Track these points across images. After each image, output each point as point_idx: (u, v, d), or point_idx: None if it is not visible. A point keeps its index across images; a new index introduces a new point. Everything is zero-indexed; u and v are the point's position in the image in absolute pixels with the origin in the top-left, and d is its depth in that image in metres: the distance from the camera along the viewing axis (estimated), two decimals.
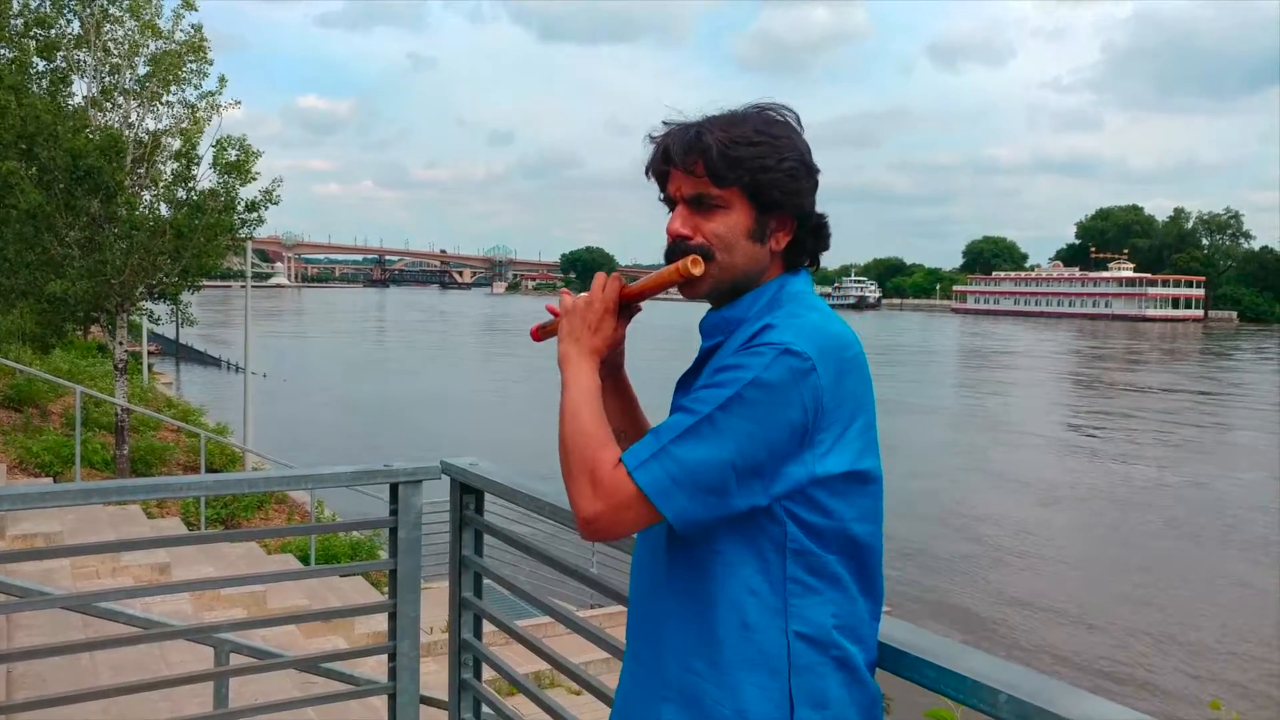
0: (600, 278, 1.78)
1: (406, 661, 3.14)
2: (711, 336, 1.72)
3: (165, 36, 16.72)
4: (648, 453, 1.53)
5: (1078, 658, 14.87)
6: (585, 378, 1.70)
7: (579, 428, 1.61)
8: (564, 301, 1.79)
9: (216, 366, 49.27)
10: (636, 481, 1.52)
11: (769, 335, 1.57)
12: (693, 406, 1.54)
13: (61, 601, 3.23)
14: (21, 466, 13.25)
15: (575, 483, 1.57)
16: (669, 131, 1.73)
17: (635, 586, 1.77)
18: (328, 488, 3.40)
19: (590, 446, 1.58)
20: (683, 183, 1.70)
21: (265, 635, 7.28)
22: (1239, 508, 24.34)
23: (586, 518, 1.55)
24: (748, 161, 1.65)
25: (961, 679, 1.55)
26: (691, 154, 1.67)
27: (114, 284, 15.86)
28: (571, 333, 1.74)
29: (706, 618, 1.59)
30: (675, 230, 1.70)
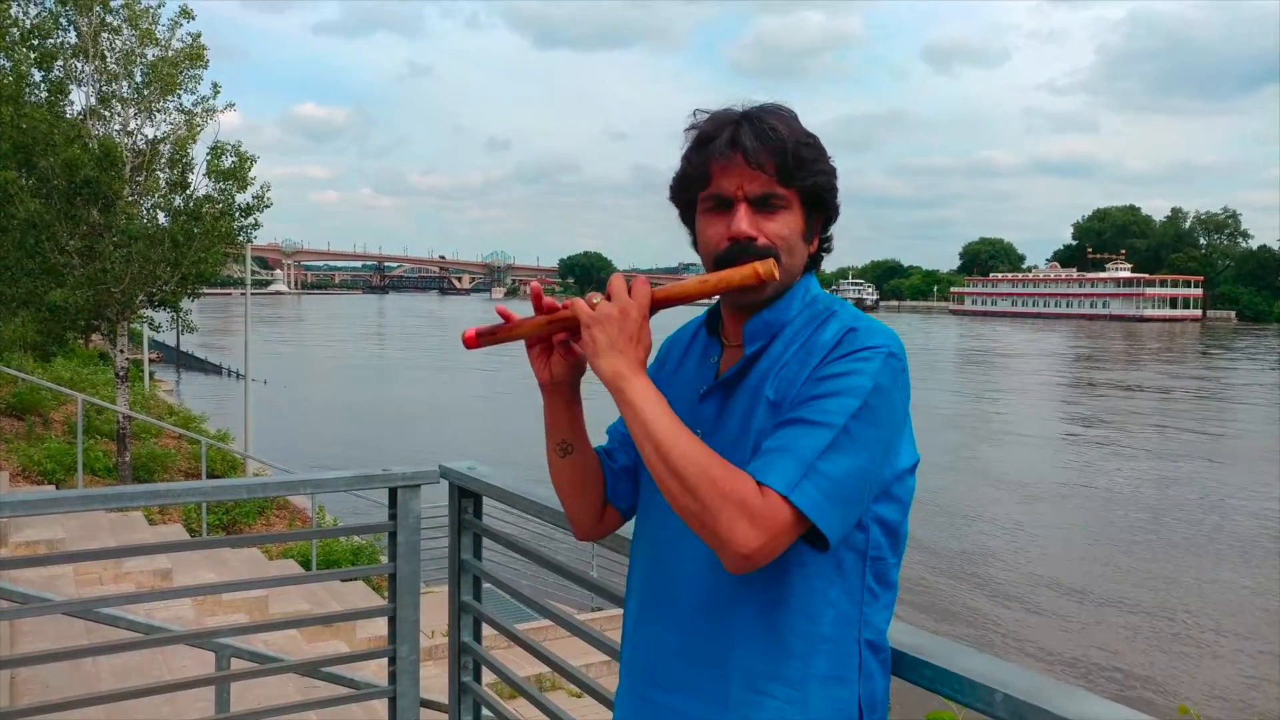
0: (620, 281, 1.59)
1: (406, 665, 3.15)
2: (755, 341, 1.63)
3: (163, 45, 16.74)
4: (794, 473, 1.41)
5: (1072, 656, 14.87)
6: (654, 396, 1.51)
7: (691, 455, 1.43)
8: (588, 310, 1.57)
9: (217, 373, 49.26)
10: (796, 505, 1.40)
11: (863, 339, 1.52)
12: (822, 419, 1.45)
13: (64, 607, 3.24)
14: (24, 474, 13.26)
15: (721, 516, 1.39)
16: (733, 121, 1.62)
17: (680, 608, 1.63)
18: (326, 493, 3.41)
19: (722, 474, 1.41)
20: (747, 179, 1.59)
21: (266, 640, 7.30)
22: (1232, 507, 24.33)
23: (746, 554, 1.39)
24: (810, 164, 1.61)
25: (958, 678, 1.55)
26: (766, 150, 1.58)
27: (114, 292, 15.88)
28: (613, 345, 1.54)
29: (781, 633, 1.53)
30: (743, 231, 1.59)
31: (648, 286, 1.58)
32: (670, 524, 1.61)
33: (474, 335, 1.73)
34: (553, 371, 1.74)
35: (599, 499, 1.86)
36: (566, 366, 1.73)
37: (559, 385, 1.75)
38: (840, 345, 1.53)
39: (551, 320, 1.68)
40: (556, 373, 1.73)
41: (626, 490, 1.86)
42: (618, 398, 1.51)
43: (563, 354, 1.72)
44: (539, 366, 1.74)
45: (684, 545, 1.59)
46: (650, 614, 1.68)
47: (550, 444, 1.80)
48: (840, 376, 1.48)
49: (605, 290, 1.60)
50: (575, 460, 1.81)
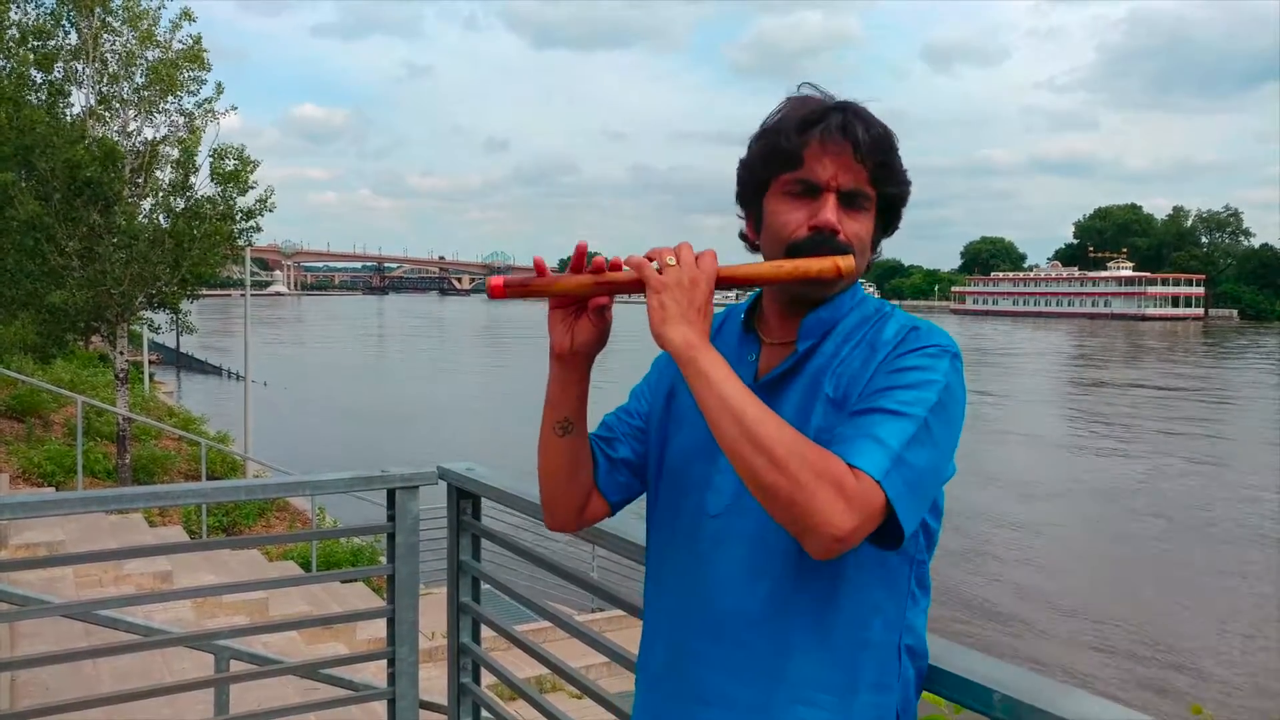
0: (690, 249, 1.51)
1: (405, 667, 3.15)
2: (809, 338, 1.57)
3: (163, 46, 16.75)
4: (885, 459, 1.35)
5: (1076, 656, 14.87)
6: (728, 368, 1.42)
7: (779, 431, 1.35)
8: (657, 276, 1.48)
9: (217, 375, 49.31)
10: (887, 492, 1.33)
11: (926, 337, 1.50)
12: (904, 409, 1.40)
13: (64, 610, 3.24)
14: (24, 476, 13.26)
15: (817, 495, 1.30)
16: (839, 108, 1.55)
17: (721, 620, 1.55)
18: (325, 494, 3.40)
19: (813, 452, 1.34)
20: (843, 171, 1.54)
21: (266, 641, 7.31)
22: (1236, 504, 24.34)
23: (840, 535, 1.31)
24: (899, 172, 1.59)
25: (956, 679, 1.55)
26: (877, 149, 1.54)
27: (114, 294, 15.89)
28: (683, 314, 1.45)
29: (832, 641, 1.48)
30: (829, 222, 1.53)
31: (716, 261, 1.52)
32: (705, 531, 1.58)
33: (501, 285, 1.57)
34: (575, 338, 1.62)
35: (588, 487, 1.75)
36: (593, 334, 1.62)
37: (577, 355, 1.64)
38: (905, 341, 1.50)
39: (600, 281, 1.55)
40: (579, 340, 1.62)
41: (622, 483, 1.77)
42: (690, 369, 1.42)
43: (593, 320, 1.62)
44: (560, 331, 1.62)
45: (724, 553, 1.55)
46: (684, 626, 1.60)
47: (549, 420, 1.68)
48: (914, 370, 1.45)
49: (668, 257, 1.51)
50: (573, 441, 1.69)
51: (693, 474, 1.64)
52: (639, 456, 1.77)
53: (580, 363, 1.65)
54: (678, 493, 1.66)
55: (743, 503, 1.52)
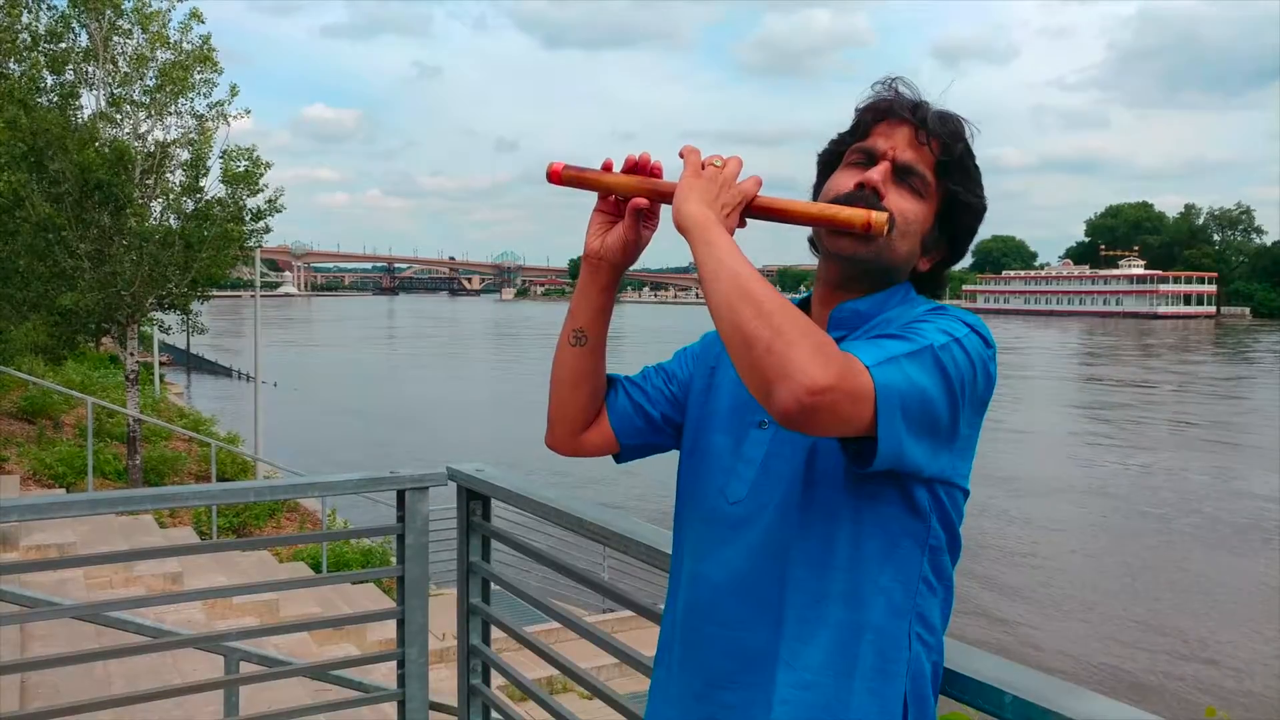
0: (738, 163, 1.55)
1: (415, 668, 3.15)
2: (839, 329, 1.56)
3: (174, 48, 16.78)
4: (880, 356, 1.32)
5: (1087, 656, 14.83)
6: (734, 244, 1.44)
7: (774, 292, 1.34)
8: (697, 162, 1.53)
9: (227, 376, 49.39)
10: (874, 379, 1.29)
11: (952, 314, 1.49)
12: (910, 335, 1.39)
13: (74, 611, 3.24)
14: (35, 478, 13.30)
15: (797, 344, 1.27)
16: (918, 99, 1.60)
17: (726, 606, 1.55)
18: (335, 495, 3.40)
19: (801, 317, 1.31)
20: (902, 146, 1.57)
21: (276, 643, 7.31)
22: (1248, 499, 24.26)
23: (813, 387, 1.24)
24: (970, 177, 1.60)
25: (966, 680, 1.54)
26: (945, 131, 1.57)
27: (124, 295, 15.92)
28: (706, 198, 1.49)
29: (830, 623, 1.46)
30: (872, 180, 1.55)
31: (758, 185, 1.55)
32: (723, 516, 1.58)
33: (561, 168, 1.65)
34: (607, 241, 1.69)
35: (592, 405, 1.76)
36: (623, 243, 1.68)
37: (605, 261, 1.69)
38: (932, 312, 1.50)
39: (644, 184, 1.63)
40: (610, 244, 1.68)
41: (637, 427, 1.78)
42: (698, 236, 1.44)
43: (630, 225, 1.67)
44: (595, 232, 1.69)
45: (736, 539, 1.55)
46: (696, 616, 1.60)
47: (567, 329, 1.73)
48: (932, 322, 1.44)
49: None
50: (585, 354, 1.73)
51: (719, 463, 1.63)
52: (661, 416, 1.77)
53: (606, 270, 1.70)
54: (703, 473, 1.66)
55: (760, 494, 1.54)
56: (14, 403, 16.99)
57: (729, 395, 1.67)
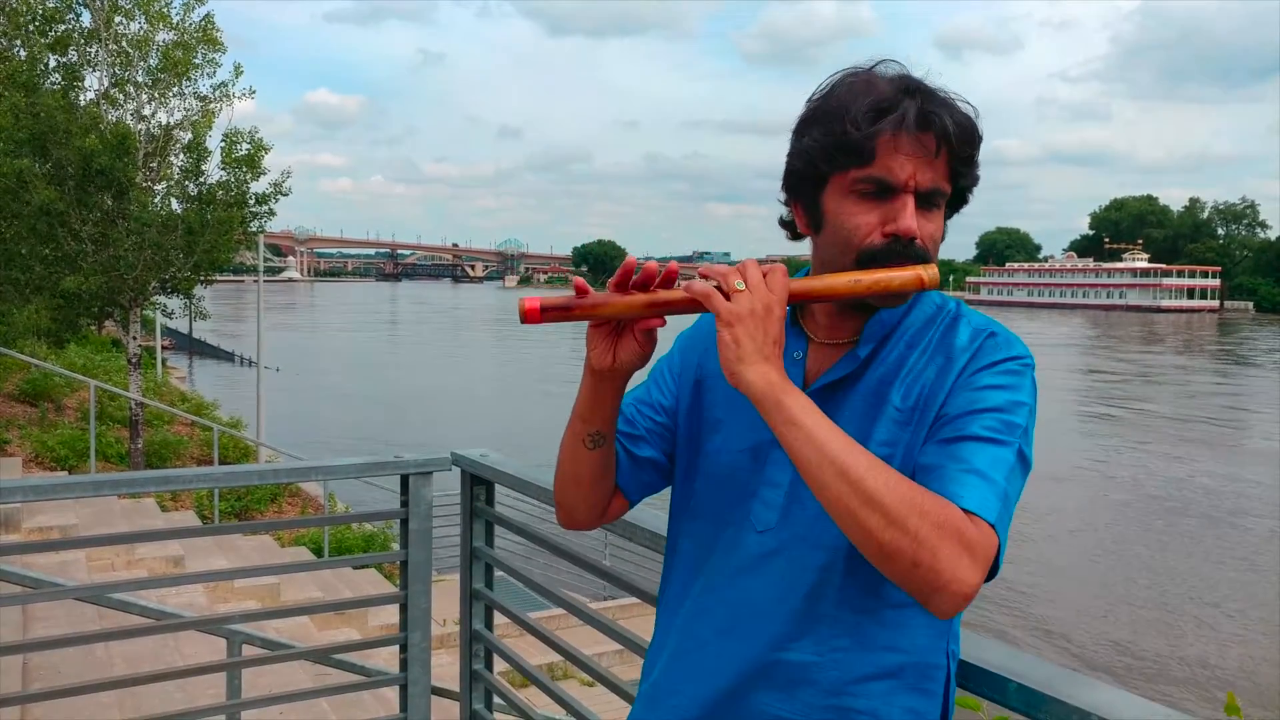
0: (756, 268, 1.35)
1: (417, 653, 3.15)
2: (871, 342, 1.46)
3: (177, 28, 16.75)
4: (995, 498, 1.26)
5: (1096, 646, 14.85)
6: (818, 412, 1.30)
7: (890, 482, 1.23)
8: (728, 305, 1.33)
9: (230, 361, 49.40)
10: (999, 533, 1.25)
11: (1005, 347, 1.40)
12: (1000, 437, 1.30)
13: (76, 593, 3.25)
14: (37, 460, 13.33)
15: (941, 553, 1.20)
16: (914, 92, 1.40)
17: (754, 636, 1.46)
18: (338, 479, 3.40)
19: (931, 504, 1.23)
20: (923, 169, 1.38)
21: (278, 626, 7.33)
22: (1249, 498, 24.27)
23: (969, 592, 1.21)
24: (974, 165, 1.46)
25: (972, 668, 1.54)
26: (964, 141, 1.40)
27: (127, 279, 15.92)
28: (759, 349, 1.31)
29: (871, 647, 1.41)
30: (910, 229, 1.38)
31: (787, 278, 1.36)
32: (748, 546, 1.48)
33: (538, 309, 1.40)
34: (618, 356, 1.48)
35: (611, 489, 1.64)
36: (638, 353, 1.48)
37: (618, 374, 1.51)
38: (983, 352, 1.40)
39: (653, 304, 1.41)
40: (623, 359, 1.48)
41: (645, 482, 1.66)
42: (776, 414, 1.28)
43: (640, 340, 1.47)
44: (602, 349, 1.48)
45: (766, 569, 1.46)
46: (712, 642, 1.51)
47: (580, 433, 1.57)
48: (1001, 390, 1.35)
49: (731, 274, 1.36)
50: (604, 451, 1.59)
51: (738, 483, 1.53)
52: (665, 456, 1.66)
53: (620, 379, 1.53)
54: (720, 500, 1.55)
55: (792, 521, 1.45)
56: (16, 385, 17.00)
57: (724, 406, 1.57)
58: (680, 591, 1.60)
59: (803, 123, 1.46)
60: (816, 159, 1.41)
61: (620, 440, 1.64)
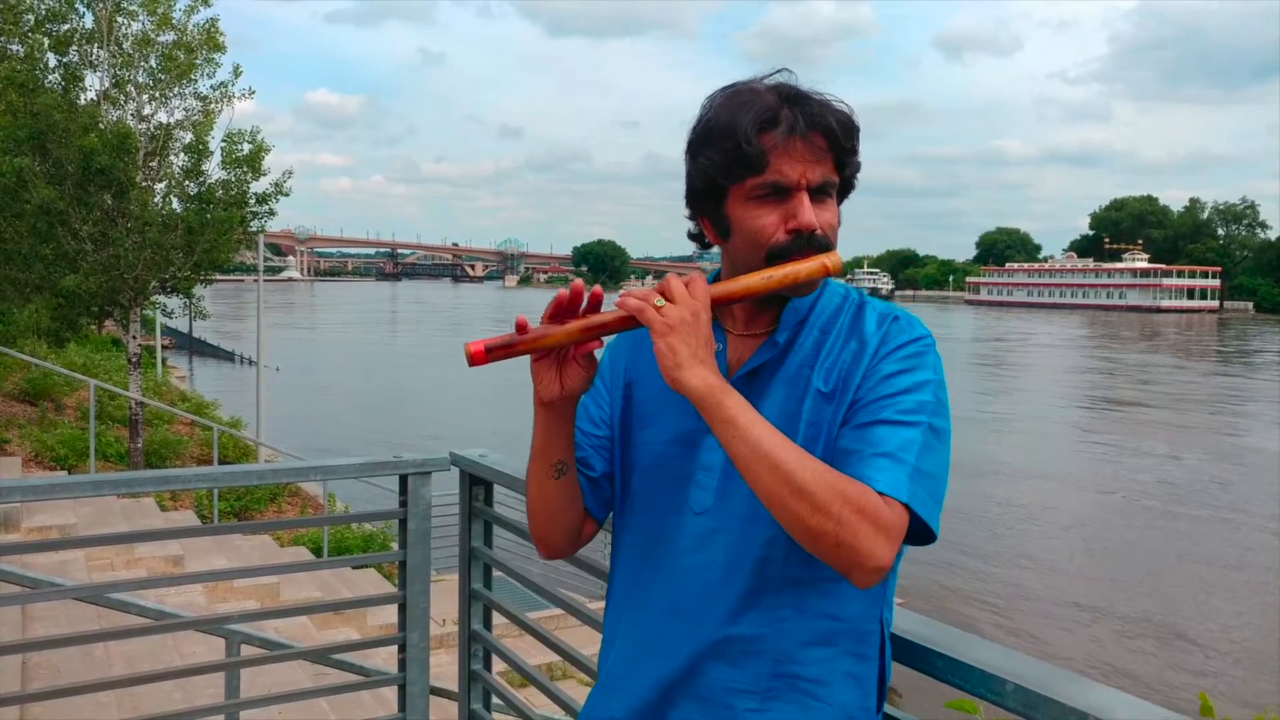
0: (679, 281, 1.45)
1: (416, 653, 3.15)
2: (787, 330, 1.56)
3: (179, 29, 16.74)
4: (906, 478, 1.38)
5: (1086, 649, 14.86)
6: (752, 409, 1.40)
7: (816, 470, 1.34)
8: (660, 317, 1.42)
9: (230, 360, 49.40)
10: (916, 510, 1.37)
11: (907, 329, 1.52)
12: (909, 418, 1.42)
13: (75, 592, 3.24)
14: (37, 460, 13.33)
15: (860, 532, 1.32)
16: (790, 98, 1.50)
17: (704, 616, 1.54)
18: (337, 479, 3.40)
19: (850, 488, 1.34)
20: (811, 166, 1.49)
21: (277, 626, 7.33)
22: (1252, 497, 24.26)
23: (883, 566, 1.34)
24: (857, 152, 1.56)
25: (969, 668, 1.54)
26: (847, 135, 1.51)
27: (127, 278, 15.91)
28: (693, 354, 1.40)
29: (811, 618, 1.50)
30: (810, 223, 1.48)
31: (706, 284, 1.47)
32: (689, 528, 1.56)
33: (483, 351, 1.48)
34: (565, 385, 1.56)
35: (581, 514, 1.72)
36: (583, 378, 1.56)
37: (568, 401, 1.59)
38: (890, 335, 1.51)
39: (588, 328, 1.50)
40: (569, 386, 1.56)
41: (606, 499, 1.74)
42: (715, 414, 1.38)
43: (582, 364, 1.55)
44: (548, 380, 1.56)
45: (708, 548, 1.54)
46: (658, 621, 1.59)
47: (543, 466, 1.64)
48: (907, 373, 1.47)
49: (656, 290, 1.46)
50: (569, 479, 1.66)
51: (672, 470, 1.61)
52: (613, 468, 1.73)
53: (570, 406, 1.61)
54: (656, 489, 1.63)
55: (728, 500, 1.54)
56: (16, 384, 17.00)
57: (654, 401, 1.65)
58: (627, 583, 1.68)
59: (694, 143, 1.56)
60: (715, 175, 1.52)
61: (584, 471, 1.72)
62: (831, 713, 1.51)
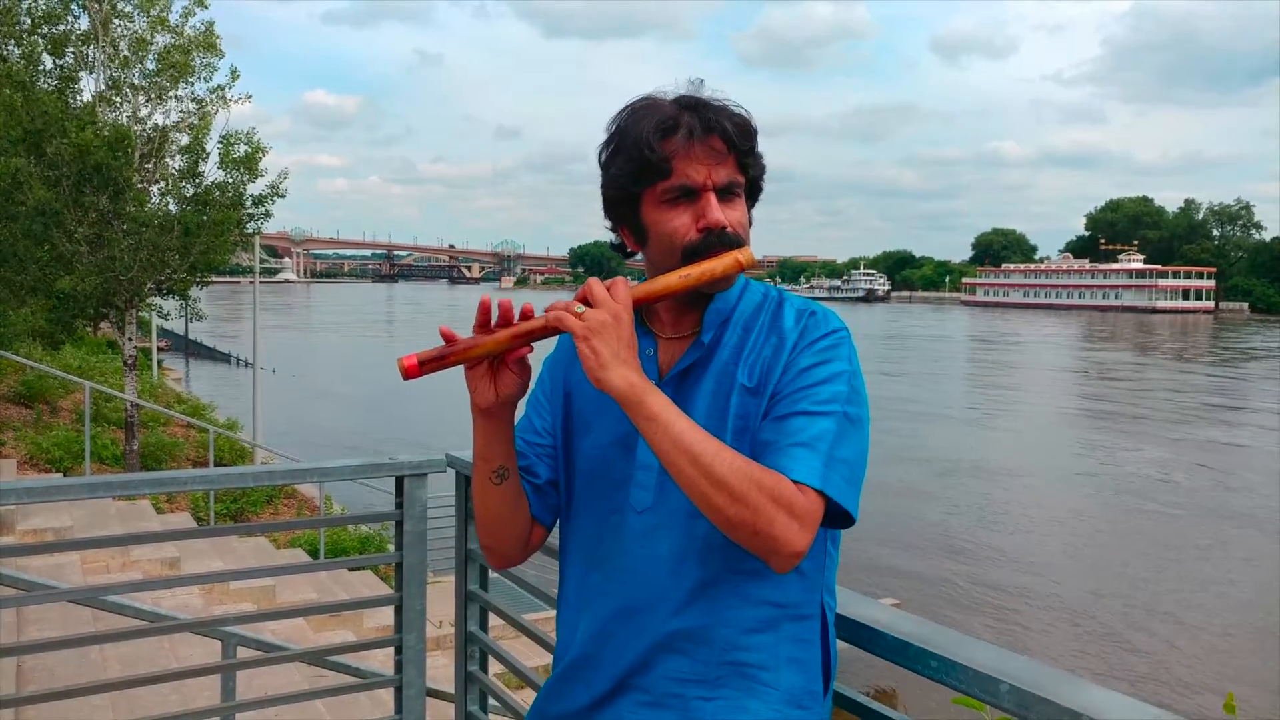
0: (600, 285, 1.50)
1: (413, 654, 3.14)
2: (710, 329, 1.62)
3: (175, 31, 16.72)
4: (820, 465, 1.45)
5: (1082, 649, 14.87)
6: (673, 406, 1.46)
7: (732, 463, 1.42)
8: (580, 322, 1.47)
9: (225, 362, 49.36)
10: (831, 496, 1.44)
11: (823, 323, 1.59)
12: (823, 408, 1.49)
13: (71, 595, 3.24)
14: (32, 462, 13.29)
15: (776, 520, 1.39)
16: (690, 106, 1.58)
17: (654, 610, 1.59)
18: (333, 481, 3.39)
19: (765, 478, 1.42)
20: (714, 168, 1.56)
21: (273, 628, 7.32)
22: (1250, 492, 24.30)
23: (798, 551, 1.42)
24: (759, 154, 1.63)
25: (964, 669, 1.54)
26: (744, 136, 1.59)
27: (123, 280, 15.88)
28: (615, 354, 1.45)
29: (753, 605, 1.56)
30: (718, 221, 1.56)
31: (628, 286, 1.53)
32: (632, 527, 1.62)
33: (416, 364, 1.52)
34: (500, 391, 1.60)
35: (528, 520, 1.76)
36: (517, 383, 1.61)
37: (504, 407, 1.63)
38: (807, 330, 1.58)
39: (517, 335, 1.55)
40: (504, 392, 1.61)
41: (552, 504, 1.79)
42: (638, 411, 1.44)
43: (515, 370, 1.60)
44: (483, 387, 1.60)
45: (652, 545, 1.60)
46: (612, 617, 1.63)
47: (485, 472, 1.68)
48: (822, 365, 1.54)
49: (577, 296, 1.52)
50: (511, 484, 1.70)
51: (612, 472, 1.66)
52: (557, 473, 1.78)
53: (507, 412, 1.65)
54: (598, 492, 1.69)
55: (667, 496, 1.59)
56: (11, 387, 16.95)
57: (591, 409, 1.70)
58: (578, 584, 1.73)
59: (605, 156, 1.64)
60: (625, 184, 1.60)
61: (527, 479, 1.77)
62: (777, 695, 1.56)
